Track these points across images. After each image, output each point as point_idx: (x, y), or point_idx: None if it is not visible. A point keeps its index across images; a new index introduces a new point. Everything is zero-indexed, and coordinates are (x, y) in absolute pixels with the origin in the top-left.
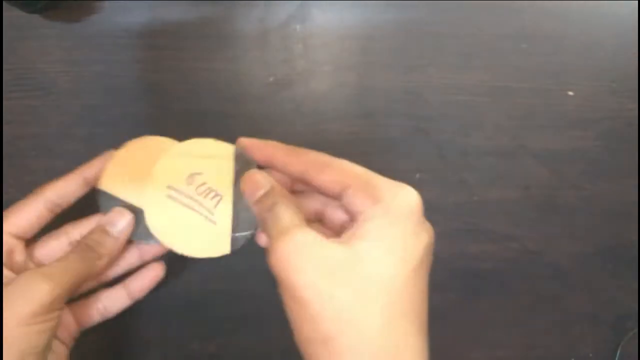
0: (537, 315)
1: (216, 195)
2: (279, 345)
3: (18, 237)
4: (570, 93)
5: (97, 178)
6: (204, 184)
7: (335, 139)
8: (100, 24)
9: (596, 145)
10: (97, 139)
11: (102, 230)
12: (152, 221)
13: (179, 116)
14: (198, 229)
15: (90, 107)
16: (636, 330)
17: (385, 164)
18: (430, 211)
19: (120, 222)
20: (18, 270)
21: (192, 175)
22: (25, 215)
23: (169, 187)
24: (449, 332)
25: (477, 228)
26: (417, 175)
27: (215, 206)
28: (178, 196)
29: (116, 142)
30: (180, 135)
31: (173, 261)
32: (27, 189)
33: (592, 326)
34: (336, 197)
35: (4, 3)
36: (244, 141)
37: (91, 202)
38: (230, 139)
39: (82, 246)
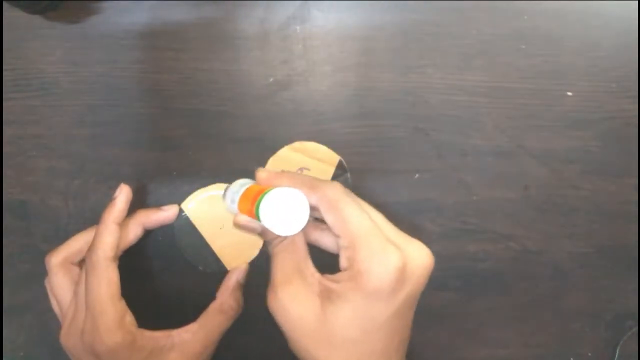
0: (536, 315)
1: None
2: (279, 344)
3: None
4: (569, 93)
5: None
6: None
7: (335, 139)
8: (101, 24)
9: (595, 145)
10: (98, 139)
11: None
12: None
13: (179, 116)
14: None
15: (91, 108)
16: (635, 329)
17: (385, 164)
18: (430, 211)
19: None
20: None
21: (301, 169)
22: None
23: (282, 171)
24: (448, 332)
25: (477, 228)
26: (417, 175)
27: None
28: None
29: (117, 143)
30: (181, 135)
31: (173, 270)
32: (28, 189)
33: (591, 325)
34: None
35: (5, 3)
36: (260, 174)
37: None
38: (231, 138)
39: None
